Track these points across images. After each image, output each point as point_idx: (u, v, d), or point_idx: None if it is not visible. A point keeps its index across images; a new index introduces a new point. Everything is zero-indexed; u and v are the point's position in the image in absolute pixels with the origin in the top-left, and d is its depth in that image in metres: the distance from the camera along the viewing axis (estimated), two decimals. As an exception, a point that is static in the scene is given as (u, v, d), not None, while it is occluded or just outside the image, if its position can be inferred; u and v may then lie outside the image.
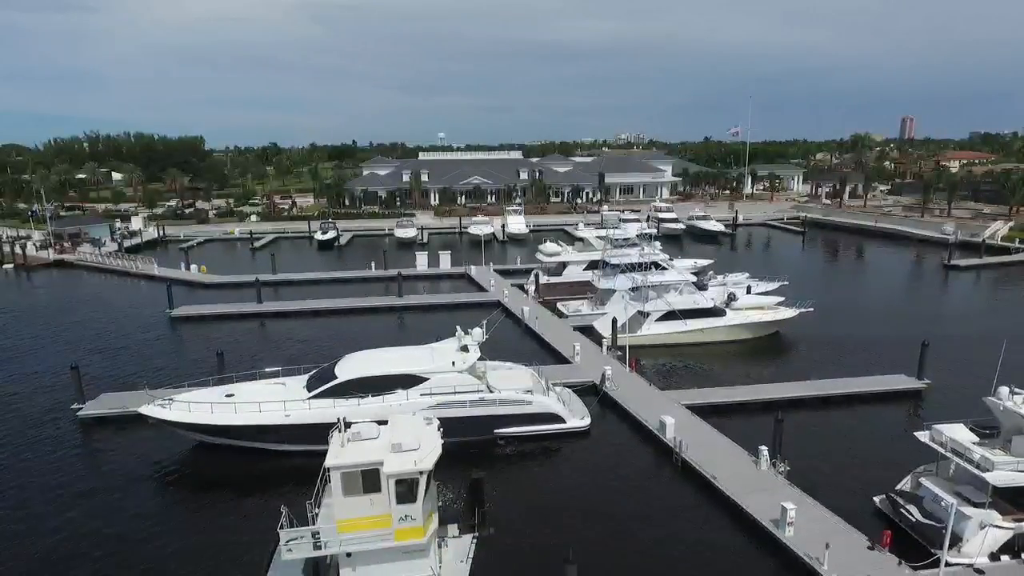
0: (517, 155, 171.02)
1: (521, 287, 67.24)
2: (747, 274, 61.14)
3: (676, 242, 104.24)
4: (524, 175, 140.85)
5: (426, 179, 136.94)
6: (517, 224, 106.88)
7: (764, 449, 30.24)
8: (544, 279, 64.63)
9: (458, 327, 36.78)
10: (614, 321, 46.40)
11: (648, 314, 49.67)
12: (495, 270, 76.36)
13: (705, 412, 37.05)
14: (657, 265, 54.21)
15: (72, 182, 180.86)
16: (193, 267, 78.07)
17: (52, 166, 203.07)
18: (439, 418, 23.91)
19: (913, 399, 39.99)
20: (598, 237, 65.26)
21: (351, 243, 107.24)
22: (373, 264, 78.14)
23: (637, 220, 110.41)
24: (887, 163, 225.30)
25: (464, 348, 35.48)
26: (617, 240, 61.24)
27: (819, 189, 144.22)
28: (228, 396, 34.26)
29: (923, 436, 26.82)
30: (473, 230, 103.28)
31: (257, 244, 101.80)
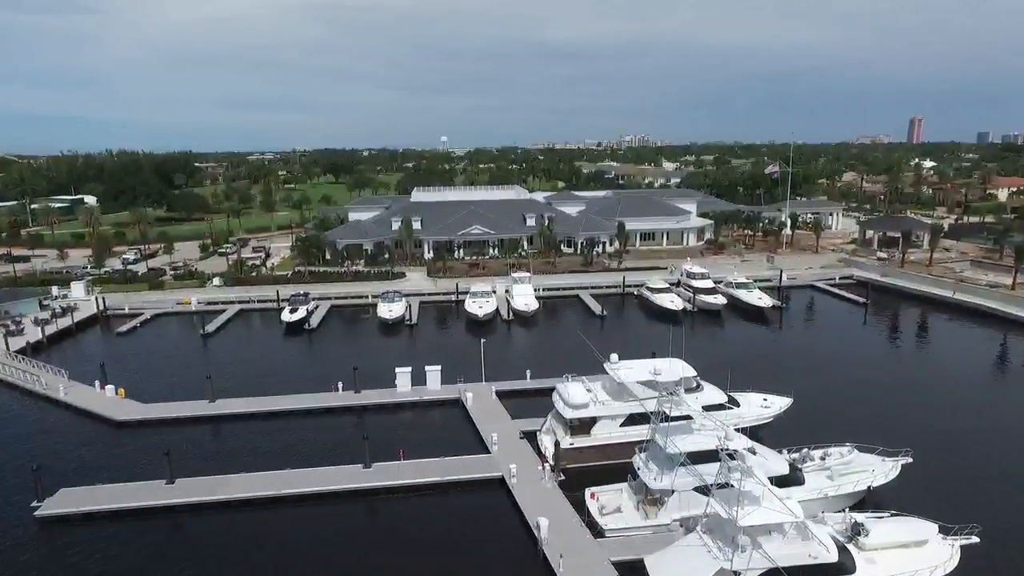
0: (523, 192, 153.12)
1: (532, 439, 49.72)
2: (855, 449, 43.22)
3: (716, 320, 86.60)
4: (531, 220, 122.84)
5: (418, 226, 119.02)
6: (524, 297, 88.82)
7: None
8: (567, 441, 46.96)
9: None
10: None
11: (739, 573, 31.92)
12: (497, 393, 58.70)
13: None
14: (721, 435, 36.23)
15: (35, 213, 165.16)
16: (109, 388, 60.33)
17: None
18: None
19: None
20: (639, 382, 47.41)
21: (326, 320, 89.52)
22: (341, 384, 60.22)
23: (668, 290, 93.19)
24: (925, 188, 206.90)
25: None
26: (667, 402, 43.08)
27: (870, 233, 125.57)
28: None
29: None
30: (471, 308, 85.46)
31: (211, 328, 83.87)
